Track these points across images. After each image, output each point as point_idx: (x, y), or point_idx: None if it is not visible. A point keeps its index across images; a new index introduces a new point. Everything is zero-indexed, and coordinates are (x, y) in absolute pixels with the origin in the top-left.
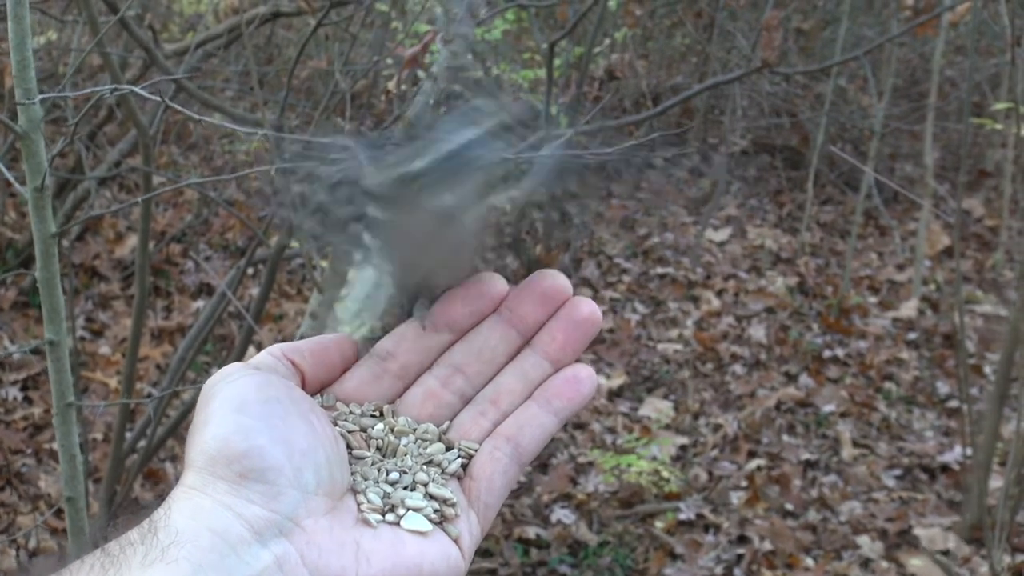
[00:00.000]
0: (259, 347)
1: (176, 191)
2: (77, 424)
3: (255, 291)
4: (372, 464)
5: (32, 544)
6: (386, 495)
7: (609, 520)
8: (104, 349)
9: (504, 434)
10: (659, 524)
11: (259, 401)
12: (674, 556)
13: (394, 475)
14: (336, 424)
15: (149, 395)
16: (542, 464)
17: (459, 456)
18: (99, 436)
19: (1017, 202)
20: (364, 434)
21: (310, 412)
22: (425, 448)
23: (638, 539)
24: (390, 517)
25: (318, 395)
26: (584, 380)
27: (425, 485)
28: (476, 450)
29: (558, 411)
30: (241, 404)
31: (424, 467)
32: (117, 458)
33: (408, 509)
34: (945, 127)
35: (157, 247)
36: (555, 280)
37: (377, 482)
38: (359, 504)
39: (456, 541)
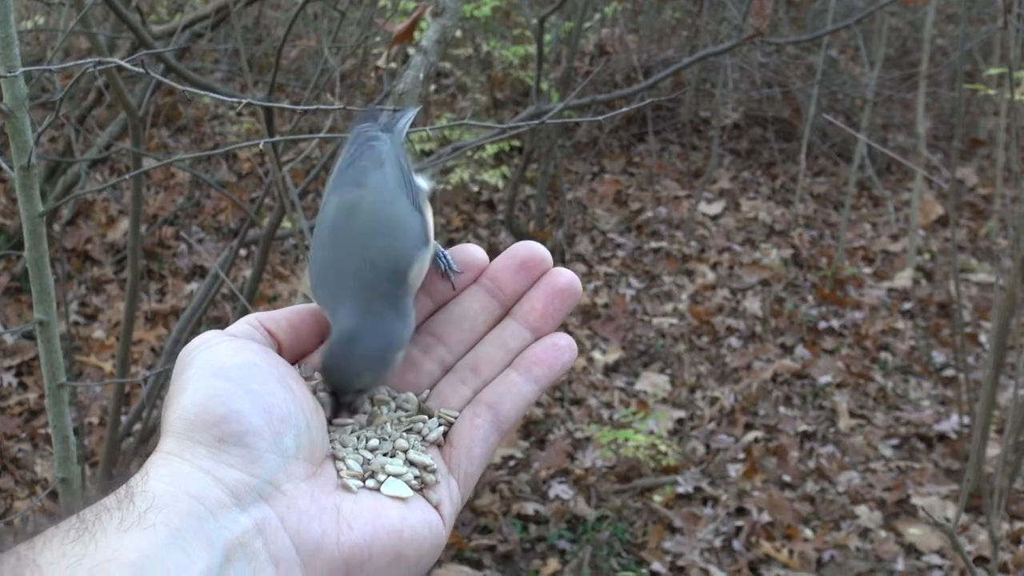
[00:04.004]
0: None
1: (168, 174)
2: (70, 406)
3: (248, 272)
4: (351, 432)
5: (29, 529)
6: (366, 461)
7: (607, 495)
8: (98, 333)
9: (485, 402)
10: (657, 498)
11: (237, 366)
12: (673, 529)
13: (374, 442)
14: (316, 394)
15: (145, 380)
16: (539, 440)
17: (440, 424)
18: (95, 420)
19: (1010, 170)
20: None
21: (289, 377)
22: (405, 416)
23: (636, 513)
24: (370, 483)
25: (296, 365)
26: (564, 348)
27: (405, 452)
28: (456, 418)
29: (538, 378)
30: (219, 369)
31: (404, 434)
32: (113, 441)
33: (388, 475)
34: (937, 95)
35: (150, 230)
36: (534, 251)
37: (357, 449)
38: (339, 470)
39: (437, 508)
